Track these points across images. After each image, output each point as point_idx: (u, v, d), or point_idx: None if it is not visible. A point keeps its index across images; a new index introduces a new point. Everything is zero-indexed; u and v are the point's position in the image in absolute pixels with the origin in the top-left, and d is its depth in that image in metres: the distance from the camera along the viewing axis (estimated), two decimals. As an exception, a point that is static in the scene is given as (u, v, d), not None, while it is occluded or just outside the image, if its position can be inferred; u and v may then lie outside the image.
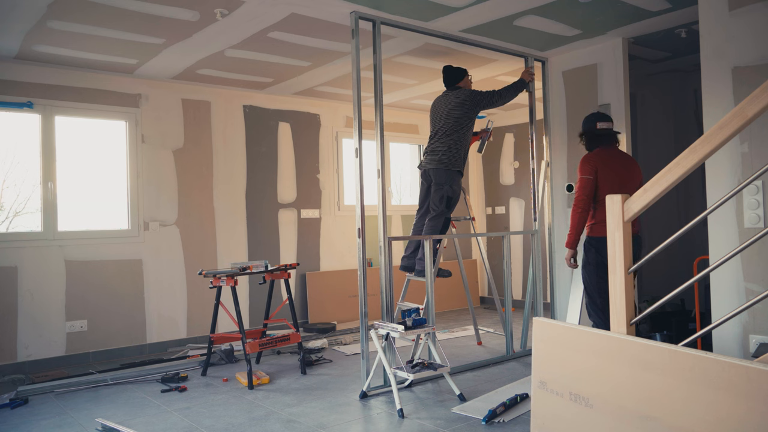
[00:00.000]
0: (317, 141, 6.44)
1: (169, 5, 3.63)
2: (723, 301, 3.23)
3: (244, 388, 4.03)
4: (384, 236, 3.81)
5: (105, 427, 3.25)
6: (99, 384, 4.19)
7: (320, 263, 6.41)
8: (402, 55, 4.75)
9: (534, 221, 4.91)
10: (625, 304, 2.20)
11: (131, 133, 5.25)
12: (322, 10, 3.76)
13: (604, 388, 1.91)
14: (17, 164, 4.93)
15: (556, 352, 2.12)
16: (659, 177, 2.15)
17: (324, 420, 3.33)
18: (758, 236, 1.95)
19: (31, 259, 4.73)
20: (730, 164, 3.20)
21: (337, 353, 5.04)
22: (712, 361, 1.60)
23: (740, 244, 2.49)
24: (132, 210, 5.24)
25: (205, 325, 5.42)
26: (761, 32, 3.13)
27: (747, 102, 1.94)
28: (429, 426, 3.18)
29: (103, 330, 5.03)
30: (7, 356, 4.60)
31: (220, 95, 5.75)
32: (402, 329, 3.59)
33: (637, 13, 4.01)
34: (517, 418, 3.25)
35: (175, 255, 5.44)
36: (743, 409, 1.52)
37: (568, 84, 4.90)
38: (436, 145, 4.27)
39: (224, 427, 3.27)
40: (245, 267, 4.40)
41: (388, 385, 3.81)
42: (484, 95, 4.29)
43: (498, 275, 7.17)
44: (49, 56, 4.55)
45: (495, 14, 3.95)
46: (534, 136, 4.90)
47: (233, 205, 5.82)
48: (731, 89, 3.23)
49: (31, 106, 4.76)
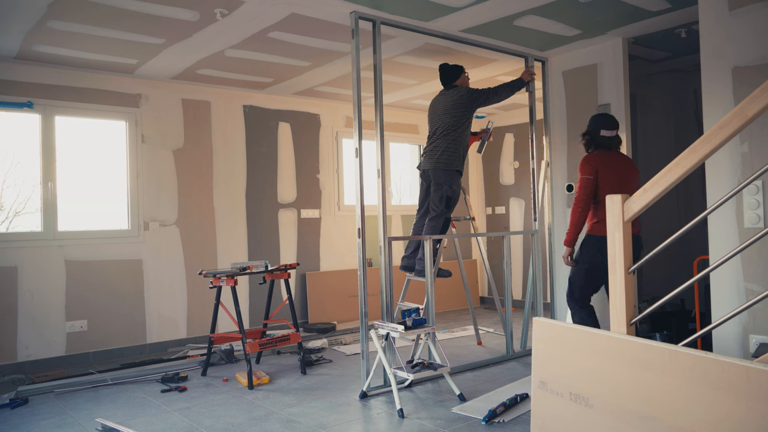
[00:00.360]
0: (317, 141, 6.44)
1: (169, 5, 3.63)
2: (723, 301, 3.23)
3: (244, 388, 4.03)
4: (384, 236, 3.81)
5: (105, 427, 3.25)
6: (99, 384, 4.19)
7: (320, 263, 6.41)
8: (402, 55, 4.75)
9: (534, 221, 4.91)
10: (625, 304, 2.20)
11: (131, 133, 5.25)
12: (322, 10, 3.76)
13: (604, 388, 1.91)
14: (17, 164, 4.93)
15: (556, 352, 2.12)
16: (659, 177, 2.15)
17: (324, 420, 3.33)
18: (758, 236, 1.95)
19: (31, 259, 4.73)
20: (730, 164, 3.20)
21: (337, 353, 5.05)
22: (712, 361, 1.60)
23: (740, 244, 2.49)
24: (132, 210, 5.24)
25: (205, 325, 5.42)
26: (761, 32, 3.13)
27: (747, 102, 1.94)
28: (429, 426, 3.18)
29: (103, 330, 5.03)
30: (7, 356, 4.60)
31: (220, 95, 5.75)
32: (402, 329, 3.59)
33: (637, 13, 4.01)
34: (517, 418, 3.25)
35: (175, 255, 5.44)
36: (743, 409, 1.52)
37: (568, 84, 4.90)
38: (434, 144, 4.27)
39: (224, 427, 3.27)
40: (245, 267, 4.40)
41: (388, 385, 3.81)
42: (480, 92, 4.28)
43: (498, 275, 7.17)
44: (49, 56, 4.55)
45: (495, 14, 3.95)
46: (534, 136, 4.90)
47: (233, 205, 5.82)
48: (731, 89, 3.23)
49: (31, 106, 4.76)
